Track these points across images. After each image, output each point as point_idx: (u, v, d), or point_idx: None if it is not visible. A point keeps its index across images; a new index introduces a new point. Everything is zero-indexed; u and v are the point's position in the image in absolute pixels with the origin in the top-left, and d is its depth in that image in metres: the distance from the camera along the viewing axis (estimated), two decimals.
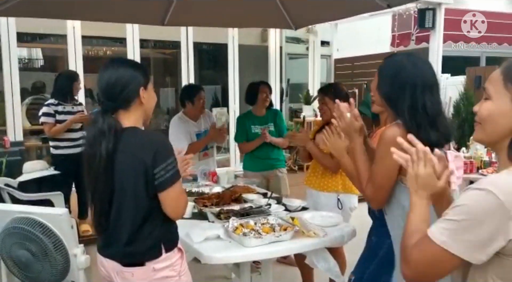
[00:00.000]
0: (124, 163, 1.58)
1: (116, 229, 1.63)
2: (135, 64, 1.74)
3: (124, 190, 1.60)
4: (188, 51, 6.67)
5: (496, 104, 1.08)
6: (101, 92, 1.64)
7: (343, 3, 3.70)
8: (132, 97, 1.65)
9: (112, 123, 1.59)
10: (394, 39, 8.41)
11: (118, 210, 1.61)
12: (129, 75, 1.64)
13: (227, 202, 2.72)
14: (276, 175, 3.72)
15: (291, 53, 8.44)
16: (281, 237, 2.15)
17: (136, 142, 1.61)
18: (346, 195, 2.89)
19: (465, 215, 1.00)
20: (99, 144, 1.56)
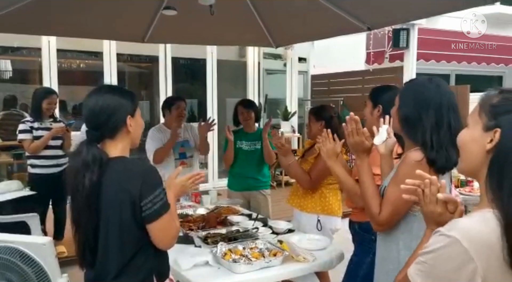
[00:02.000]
0: (110, 195, 1.53)
1: (105, 263, 1.57)
2: (122, 91, 1.68)
3: (110, 223, 1.54)
4: (166, 66, 6.63)
5: (470, 131, 1.12)
6: (86, 121, 1.59)
7: (324, 24, 3.76)
8: (118, 126, 1.60)
9: (97, 154, 1.53)
10: (369, 57, 8.59)
11: (105, 243, 1.55)
12: (116, 104, 1.59)
13: (212, 225, 2.69)
14: (256, 196, 3.65)
15: (268, 69, 8.49)
16: (271, 263, 2.14)
17: (122, 172, 1.56)
18: (326, 217, 2.88)
19: (434, 260, 1.02)
20: (83, 176, 1.50)
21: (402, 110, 1.68)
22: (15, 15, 2.97)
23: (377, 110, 2.19)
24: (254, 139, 3.64)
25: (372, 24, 3.57)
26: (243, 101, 3.86)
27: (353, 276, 2.24)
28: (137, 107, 1.68)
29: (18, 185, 3.56)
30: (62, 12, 3.29)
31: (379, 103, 2.17)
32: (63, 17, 3.40)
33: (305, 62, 8.87)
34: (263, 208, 3.53)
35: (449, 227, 1.02)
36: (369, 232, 2.09)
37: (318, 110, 2.97)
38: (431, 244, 1.04)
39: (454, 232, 0.99)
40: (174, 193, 1.70)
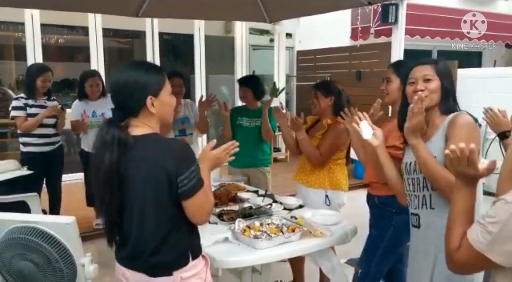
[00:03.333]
0: (143, 172, 1.52)
1: (140, 241, 1.57)
2: (147, 69, 1.61)
3: (146, 200, 1.54)
4: (154, 41, 6.48)
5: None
6: (112, 99, 1.59)
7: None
8: (138, 106, 1.57)
9: (116, 134, 1.51)
10: (355, 32, 8.59)
11: (140, 221, 1.55)
12: (137, 83, 1.55)
13: (224, 202, 2.70)
14: (256, 173, 3.64)
15: (254, 45, 8.40)
16: (290, 238, 2.17)
17: (155, 150, 1.55)
18: (333, 192, 2.93)
19: (502, 229, 1.08)
20: (103, 155, 1.50)
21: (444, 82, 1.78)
22: None
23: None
24: (256, 116, 3.60)
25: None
26: (240, 78, 3.83)
27: (374, 249, 2.29)
28: (163, 85, 1.62)
29: (15, 164, 3.47)
30: None
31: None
32: None
33: (291, 38, 8.80)
34: (263, 186, 3.54)
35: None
36: (389, 205, 2.15)
37: (327, 86, 2.96)
38: (495, 213, 1.10)
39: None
40: (209, 166, 1.70)
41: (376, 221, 2.33)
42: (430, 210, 1.78)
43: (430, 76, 1.78)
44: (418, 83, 1.79)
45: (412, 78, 1.82)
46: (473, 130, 1.69)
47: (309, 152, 2.87)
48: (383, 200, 2.22)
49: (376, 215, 2.34)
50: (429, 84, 1.77)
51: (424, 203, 1.80)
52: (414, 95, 1.75)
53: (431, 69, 1.80)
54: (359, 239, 2.47)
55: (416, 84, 1.79)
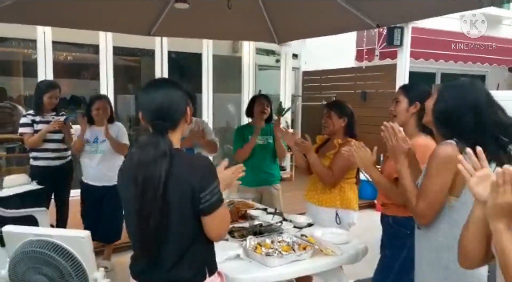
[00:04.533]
0: (173, 186, 1.53)
1: (161, 254, 1.57)
2: (178, 84, 1.71)
3: (172, 214, 1.54)
4: (162, 59, 6.57)
5: None
6: (153, 113, 1.60)
7: (334, 21, 3.80)
8: (181, 117, 1.64)
9: (171, 144, 1.56)
10: (359, 54, 8.69)
11: (165, 235, 1.55)
12: (180, 95, 1.64)
13: (235, 219, 2.70)
14: (270, 191, 3.69)
15: (261, 65, 8.50)
16: (301, 256, 2.17)
17: (184, 165, 1.57)
18: (344, 211, 2.93)
19: None
20: (160, 166, 1.49)
21: (440, 108, 1.76)
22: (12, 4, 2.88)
23: (413, 107, 2.23)
24: (266, 133, 3.66)
25: (381, 21, 3.62)
26: (263, 94, 3.92)
27: (388, 270, 2.27)
28: None
29: (25, 178, 3.49)
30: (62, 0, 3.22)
31: (416, 100, 2.21)
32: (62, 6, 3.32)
33: (297, 59, 8.91)
34: (275, 202, 3.56)
35: None
36: (404, 226, 2.14)
37: (341, 106, 2.97)
38: None
39: None
40: (222, 185, 1.71)
41: (390, 241, 2.32)
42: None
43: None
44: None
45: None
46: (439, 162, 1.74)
47: (321, 173, 2.88)
48: (398, 221, 2.21)
49: (390, 236, 2.33)
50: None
51: None
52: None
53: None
54: (367, 260, 2.46)
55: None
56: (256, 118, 3.71)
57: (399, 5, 3.27)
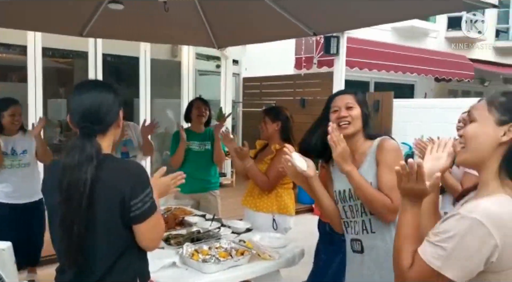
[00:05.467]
0: (101, 193, 1.45)
1: (88, 265, 1.47)
2: (110, 85, 1.63)
3: (99, 222, 1.46)
4: (96, 62, 6.31)
5: (480, 125, 1.22)
6: (81, 116, 1.50)
7: (271, 28, 3.84)
8: (112, 120, 1.56)
9: (99, 148, 1.47)
10: (298, 62, 8.90)
11: (92, 244, 1.46)
12: (112, 98, 1.55)
13: (172, 226, 2.63)
14: (206, 197, 3.64)
15: (201, 70, 8.43)
16: (239, 262, 2.15)
17: (114, 171, 1.49)
18: (281, 216, 2.94)
19: (456, 243, 1.11)
20: (85, 171, 1.40)
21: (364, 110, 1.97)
22: None
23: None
24: (204, 139, 3.61)
25: (318, 30, 3.72)
26: (200, 98, 3.88)
27: (322, 274, 2.31)
28: None
29: None
30: None
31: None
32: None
33: (237, 65, 8.94)
34: (213, 209, 3.50)
35: (470, 210, 1.12)
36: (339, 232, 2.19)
37: (274, 111, 3.02)
38: (451, 228, 1.12)
39: (476, 214, 1.10)
40: (157, 193, 1.65)
41: (326, 246, 2.37)
42: (371, 234, 1.85)
43: (351, 104, 1.92)
44: (341, 111, 1.91)
45: (335, 106, 1.94)
46: (399, 154, 1.85)
47: (256, 178, 2.89)
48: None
49: (326, 241, 2.37)
50: (352, 111, 1.91)
51: (365, 228, 1.87)
52: (337, 121, 1.88)
53: (352, 98, 1.94)
54: (305, 263, 2.49)
55: (340, 111, 1.91)
56: (194, 122, 3.66)
57: (335, 14, 3.37)
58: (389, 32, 10.85)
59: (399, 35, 11.25)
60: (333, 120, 1.90)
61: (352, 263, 1.95)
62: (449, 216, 1.17)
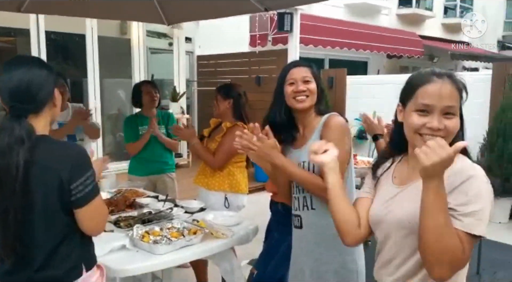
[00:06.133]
0: (37, 177, 1.36)
1: (27, 253, 1.39)
2: (44, 62, 1.53)
3: (36, 208, 1.38)
4: (40, 41, 5.96)
5: (457, 119, 1.23)
6: (11, 94, 1.40)
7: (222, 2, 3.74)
8: (46, 99, 1.46)
9: (30, 129, 1.37)
10: (253, 39, 8.80)
11: (29, 231, 1.38)
12: (44, 75, 1.45)
13: (121, 208, 2.56)
14: (163, 179, 3.58)
15: (153, 48, 8.17)
16: (191, 241, 2.12)
17: (52, 153, 1.41)
18: (233, 194, 2.92)
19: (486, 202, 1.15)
20: (16, 154, 1.31)
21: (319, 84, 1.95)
22: None
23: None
24: (158, 123, 3.53)
25: (269, 5, 3.65)
26: (147, 81, 3.75)
27: (273, 252, 2.31)
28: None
29: None
30: None
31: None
32: None
33: (191, 43, 8.74)
34: (170, 190, 3.47)
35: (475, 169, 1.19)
36: None
37: (226, 89, 2.96)
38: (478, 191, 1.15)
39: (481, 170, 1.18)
40: None
41: (278, 226, 2.36)
42: (311, 211, 1.87)
43: (308, 78, 1.87)
44: (298, 84, 1.85)
45: (291, 79, 1.87)
46: (344, 131, 1.83)
47: (202, 157, 2.86)
48: (288, 207, 2.25)
49: (278, 221, 2.37)
50: (309, 85, 1.86)
51: (305, 204, 1.88)
52: (294, 95, 1.84)
53: (309, 71, 1.89)
54: (261, 240, 2.50)
55: (297, 85, 1.85)
56: (146, 108, 3.55)
57: None
58: (342, 9, 10.94)
59: (352, 12, 11.36)
60: (290, 94, 1.86)
61: (294, 237, 1.97)
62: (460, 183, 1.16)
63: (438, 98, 1.20)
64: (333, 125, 1.82)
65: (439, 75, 1.22)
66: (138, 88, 3.59)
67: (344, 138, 1.83)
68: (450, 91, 1.21)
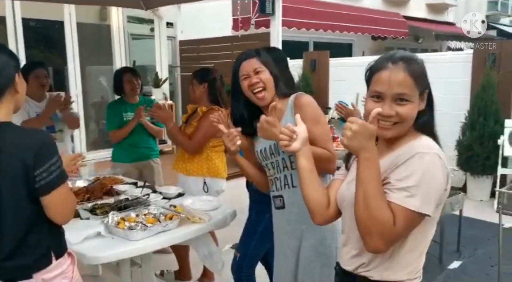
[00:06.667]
0: (1, 165, 1.34)
1: None
2: (4, 47, 1.50)
3: (2, 196, 1.36)
4: (16, 28, 5.82)
5: (414, 105, 1.22)
6: None
7: None
8: (7, 85, 1.43)
9: None
10: (236, 23, 8.70)
11: None
12: (3, 60, 1.42)
13: (98, 196, 2.54)
14: (150, 165, 3.58)
15: (134, 34, 8.05)
16: (167, 227, 2.11)
17: (13, 140, 1.38)
18: (212, 179, 2.93)
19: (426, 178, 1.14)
20: None
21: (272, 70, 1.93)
22: None
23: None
24: None
25: None
26: (128, 68, 3.70)
27: (252, 233, 2.33)
28: (19, 66, 1.52)
29: None
30: None
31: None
32: None
33: (173, 28, 8.62)
34: (157, 176, 3.48)
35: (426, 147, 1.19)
36: None
37: (201, 73, 2.94)
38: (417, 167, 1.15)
39: (434, 150, 1.18)
40: None
41: (255, 205, 2.38)
42: (292, 189, 1.87)
43: (259, 68, 1.85)
44: (251, 77, 1.84)
45: (244, 74, 1.86)
46: (317, 106, 1.87)
47: (179, 140, 2.86)
48: None
49: (255, 200, 2.38)
50: (261, 75, 1.85)
51: (286, 183, 1.88)
52: (251, 89, 1.84)
53: (257, 61, 1.87)
54: (242, 224, 2.51)
55: (250, 78, 1.85)
56: (129, 96, 3.51)
57: None
58: None
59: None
60: (247, 89, 1.86)
61: (276, 219, 1.98)
62: (405, 160, 1.17)
63: (388, 86, 1.20)
64: (305, 103, 1.83)
65: (394, 61, 1.21)
66: (119, 76, 3.54)
67: (321, 113, 1.88)
68: (401, 79, 1.20)
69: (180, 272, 3.21)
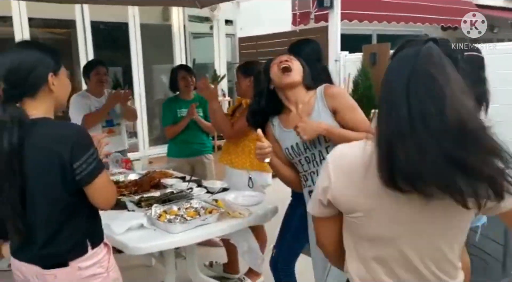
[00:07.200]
0: (37, 159, 1.43)
1: (31, 231, 1.48)
2: (43, 47, 1.56)
3: (37, 189, 1.45)
4: (85, 31, 6.21)
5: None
6: (3, 78, 1.45)
7: None
8: (39, 84, 1.49)
9: (15, 114, 1.42)
10: (295, 18, 8.63)
11: (32, 210, 1.47)
12: (35, 59, 1.48)
13: (146, 189, 2.64)
14: (202, 161, 3.67)
15: (194, 33, 8.26)
16: (206, 220, 2.15)
17: (50, 134, 1.46)
18: (257, 173, 2.88)
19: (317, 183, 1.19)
20: (6, 138, 1.38)
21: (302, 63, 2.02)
22: None
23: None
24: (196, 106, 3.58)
25: None
26: (183, 66, 3.80)
27: (287, 227, 2.31)
28: (61, 66, 1.57)
29: None
30: None
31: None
32: None
33: (232, 25, 8.73)
34: (209, 172, 3.57)
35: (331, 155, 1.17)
36: None
37: (245, 66, 2.94)
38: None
39: (329, 156, 1.16)
40: None
41: (292, 200, 2.36)
42: None
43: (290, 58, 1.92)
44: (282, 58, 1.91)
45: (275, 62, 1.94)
46: (349, 95, 1.92)
47: (219, 122, 2.81)
48: None
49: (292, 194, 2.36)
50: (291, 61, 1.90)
51: None
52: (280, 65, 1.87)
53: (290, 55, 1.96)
54: None
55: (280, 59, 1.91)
56: (183, 92, 3.63)
57: None
58: None
59: None
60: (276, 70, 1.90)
61: None
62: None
63: None
64: (338, 93, 1.87)
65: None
66: (174, 73, 3.67)
67: (353, 100, 1.89)
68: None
69: (229, 265, 3.25)
